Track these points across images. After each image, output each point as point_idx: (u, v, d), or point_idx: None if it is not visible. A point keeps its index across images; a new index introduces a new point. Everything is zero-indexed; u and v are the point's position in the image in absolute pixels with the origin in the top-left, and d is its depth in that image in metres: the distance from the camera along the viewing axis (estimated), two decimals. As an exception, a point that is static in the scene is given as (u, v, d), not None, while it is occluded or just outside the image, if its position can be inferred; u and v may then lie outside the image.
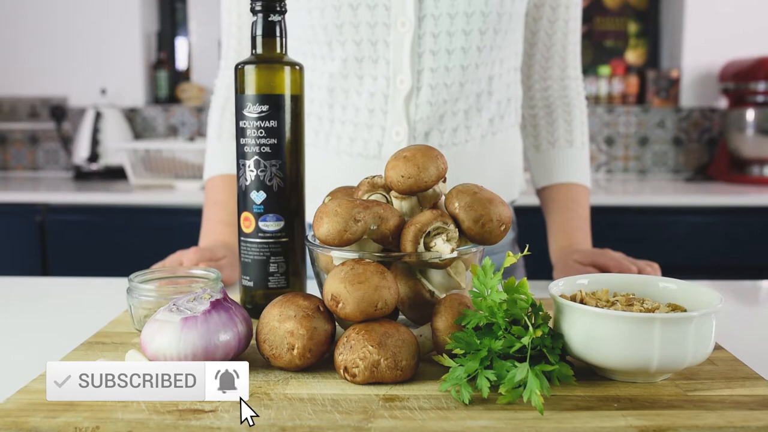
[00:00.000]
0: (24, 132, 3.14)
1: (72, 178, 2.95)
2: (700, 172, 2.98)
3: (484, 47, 1.06)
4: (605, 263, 1.00)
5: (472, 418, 0.57)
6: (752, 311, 1.02)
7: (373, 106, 1.06)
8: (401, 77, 1.04)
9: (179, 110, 3.13)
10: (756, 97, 2.73)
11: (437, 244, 0.70)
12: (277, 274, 0.83)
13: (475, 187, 0.74)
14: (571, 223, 1.15)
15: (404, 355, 0.64)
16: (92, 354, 0.72)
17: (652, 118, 3.06)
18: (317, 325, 0.66)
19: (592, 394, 0.62)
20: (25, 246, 2.48)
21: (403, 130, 1.05)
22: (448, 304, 0.68)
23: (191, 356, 0.65)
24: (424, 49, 1.03)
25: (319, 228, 0.70)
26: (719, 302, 0.66)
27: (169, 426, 0.56)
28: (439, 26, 1.03)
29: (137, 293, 0.78)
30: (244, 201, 0.83)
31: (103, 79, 3.09)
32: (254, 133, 0.81)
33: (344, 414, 0.58)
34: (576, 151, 1.19)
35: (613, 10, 3.20)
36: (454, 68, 1.05)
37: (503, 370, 0.61)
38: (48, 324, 0.88)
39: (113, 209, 2.48)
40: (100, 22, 3.07)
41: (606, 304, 0.68)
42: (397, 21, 1.02)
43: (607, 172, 3.10)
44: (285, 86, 0.81)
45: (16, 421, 0.57)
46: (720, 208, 2.45)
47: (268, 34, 0.82)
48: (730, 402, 0.60)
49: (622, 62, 3.21)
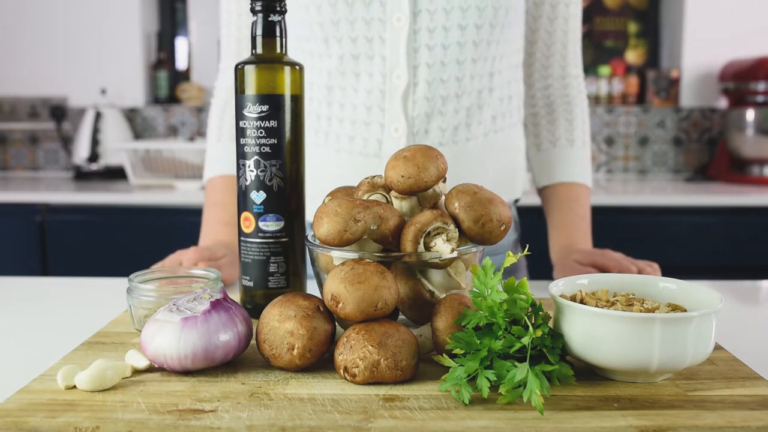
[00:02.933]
0: (24, 132, 3.14)
1: (72, 178, 2.95)
2: (700, 172, 2.99)
3: (481, 42, 1.06)
4: (605, 263, 1.00)
5: (472, 418, 0.57)
6: (752, 311, 1.02)
7: (371, 103, 1.06)
8: (398, 73, 1.04)
9: (179, 110, 3.13)
10: (756, 97, 2.74)
11: (437, 244, 0.70)
12: (277, 274, 0.83)
13: (475, 187, 0.74)
14: (572, 223, 1.15)
15: (404, 355, 0.64)
16: (92, 354, 0.72)
17: (652, 118, 3.06)
18: (317, 325, 0.66)
19: (592, 394, 0.62)
20: (25, 246, 2.48)
21: (402, 126, 1.05)
22: (448, 304, 0.68)
23: (191, 356, 0.65)
24: (420, 44, 1.04)
25: (319, 228, 0.70)
26: (719, 302, 0.66)
27: (169, 426, 0.56)
28: (434, 21, 1.03)
29: (137, 293, 0.78)
30: (244, 201, 0.83)
31: (103, 79, 3.09)
32: (254, 133, 0.81)
33: (344, 414, 0.58)
34: (577, 150, 1.19)
35: (613, 10, 3.20)
36: (450, 63, 1.05)
37: (503, 370, 0.61)
38: (48, 324, 0.88)
39: (113, 209, 2.48)
40: (100, 22, 3.07)
41: (606, 304, 0.68)
42: (392, 16, 1.02)
43: (607, 172, 3.10)
44: (285, 86, 0.81)
45: (16, 421, 0.57)
46: (720, 208, 2.45)
47: (268, 34, 0.82)
48: (730, 402, 0.60)
49: (622, 62, 3.21)
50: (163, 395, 0.62)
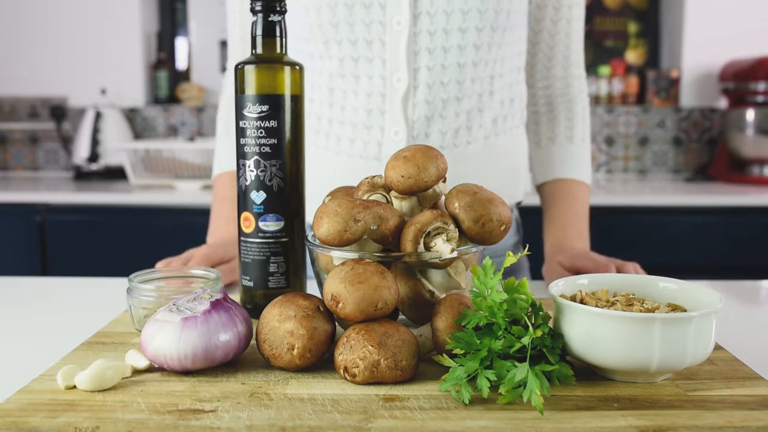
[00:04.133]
0: (24, 132, 3.14)
1: (72, 178, 2.95)
2: (700, 172, 2.99)
3: (482, 45, 1.05)
4: (584, 266, 1.00)
5: (472, 418, 0.57)
6: (752, 311, 1.02)
7: (371, 106, 1.06)
8: (398, 75, 1.04)
9: (179, 110, 3.13)
10: (756, 97, 2.74)
11: (437, 244, 0.70)
12: (277, 274, 0.83)
13: (475, 187, 0.74)
14: (565, 219, 1.14)
15: (404, 355, 0.64)
16: (92, 354, 0.72)
17: (652, 118, 3.06)
18: (317, 325, 0.66)
19: (592, 394, 0.62)
20: (25, 246, 2.48)
21: (402, 130, 1.05)
22: (448, 304, 0.68)
23: (191, 356, 0.65)
24: (420, 47, 1.03)
25: (319, 228, 0.70)
26: (719, 302, 0.66)
27: (169, 426, 0.56)
28: (434, 24, 1.02)
29: (137, 293, 0.78)
30: (244, 201, 0.83)
31: (103, 79, 3.09)
32: (254, 133, 0.81)
33: (344, 414, 0.58)
34: (575, 147, 1.19)
35: (613, 10, 3.20)
36: (450, 66, 1.05)
37: (503, 370, 0.61)
38: (48, 324, 0.88)
39: (113, 209, 2.48)
40: (100, 22, 3.07)
41: (606, 304, 0.68)
42: (392, 19, 1.02)
43: (607, 172, 3.10)
44: (285, 86, 0.81)
45: (16, 421, 0.57)
46: (720, 208, 2.45)
47: (268, 34, 0.82)
48: (730, 402, 0.60)
49: (622, 62, 3.21)
50: (163, 395, 0.62)
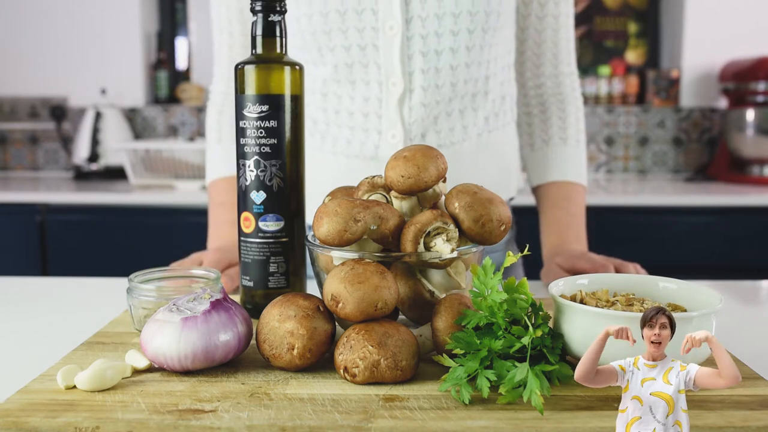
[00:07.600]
0: (24, 132, 3.14)
1: (72, 178, 2.95)
2: (700, 172, 2.98)
3: (474, 46, 1.06)
4: (582, 266, 1.00)
5: (472, 418, 0.57)
6: (752, 311, 1.02)
7: (368, 110, 1.06)
8: (393, 80, 1.04)
9: (179, 110, 3.13)
10: (756, 97, 2.73)
11: (437, 244, 0.70)
12: (277, 274, 0.83)
13: (475, 187, 0.74)
14: (562, 221, 1.14)
15: (404, 355, 0.64)
16: (92, 354, 0.72)
17: (652, 118, 3.06)
18: (317, 325, 0.66)
19: (592, 394, 0.62)
20: (25, 246, 2.48)
21: (399, 133, 1.06)
22: (448, 304, 0.68)
23: (191, 356, 0.65)
24: (414, 50, 1.04)
25: (319, 228, 0.70)
26: (719, 302, 0.66)
27: (169, 426, 0.56)
28: (426, 27, 1.03)
29: (137, 293, 0.78)
30: (244, 201, 0.83)
31: (103, 79, 3.09)
32: (254, 133, 0.81)
33: (344, 414, 0.58)
34: (570, 148, 1.18)
35: (613, 10, 3.20)
36: (444, 69, 1.05)
37: (503, 370, 0.61)
38: (48, 324, 0.88)
39: (113, 209, 2.48)
40: (100, 22, 3.07)
41: (606, 304, 0.68)
42: (385, 24, 1.02)
43: (607, 172, 3.10)
44: (285, 86, 0.81)
45: (16, 421, 0.57)
46: (720, 208, 2.45)
47: (268, 34, 0.82)
48: (730, 402, 0.60)
49: (622, 62, 3.21)
50: (163, 395, 0.62)
